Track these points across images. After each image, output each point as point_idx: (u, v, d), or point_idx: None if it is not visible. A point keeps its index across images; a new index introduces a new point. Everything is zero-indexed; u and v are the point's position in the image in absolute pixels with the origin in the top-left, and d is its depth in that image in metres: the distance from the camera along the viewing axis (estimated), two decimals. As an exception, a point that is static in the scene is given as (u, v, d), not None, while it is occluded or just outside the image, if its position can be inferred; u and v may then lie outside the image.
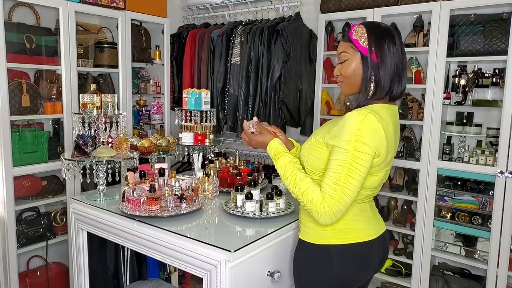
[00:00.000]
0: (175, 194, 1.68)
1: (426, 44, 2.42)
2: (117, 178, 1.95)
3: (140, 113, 3.42)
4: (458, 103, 2.38)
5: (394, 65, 1.30)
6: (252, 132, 1.56)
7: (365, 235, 1.37)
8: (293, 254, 1.50)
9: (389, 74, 1.30)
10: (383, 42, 1.30)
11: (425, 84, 2.37)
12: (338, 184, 1.22)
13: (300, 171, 1.35)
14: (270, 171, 2.78)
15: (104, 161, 1.88)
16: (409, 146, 2.57)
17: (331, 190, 1.23)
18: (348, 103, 2.81)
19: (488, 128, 2.35)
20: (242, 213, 1.66)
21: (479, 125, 2.36)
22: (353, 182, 1.23)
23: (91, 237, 1.91)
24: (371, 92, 1.32)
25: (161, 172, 1.80)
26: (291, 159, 1.39)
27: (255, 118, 1.58)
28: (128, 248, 2.16)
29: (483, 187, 2.32)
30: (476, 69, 2.36)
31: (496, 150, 2.20)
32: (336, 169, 1.23)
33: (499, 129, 2.18)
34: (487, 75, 2.31)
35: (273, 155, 1.44)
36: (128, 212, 1.63)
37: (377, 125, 1.23)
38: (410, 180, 2.63)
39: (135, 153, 2.02)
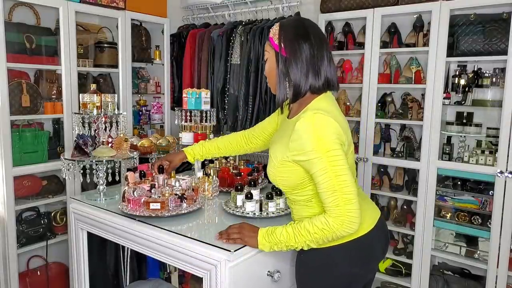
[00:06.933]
0: (175, 194, 1.68)
1: (426, 44, 2.42)
2: (117, 178, 1.95)
3: (140, 113, 3.42)
4: (458, 103, 2.38)
5: (306, 59, 1.32)
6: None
7: (365, 226, 1.34)
8: (293, 253, 1.50)
9: (303, 68, 1.32)
10: (294, 37, 1.33)
11: (425, 84, 2.37)
12: (336, 190, 1.21)
13: (299, 225, 1.29)
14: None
15: (104, 161, 1.88)
16: (409, 146, 2.57)
17: (333, 200, 1.22)
18: (348, 103, 2.81)
19: (488, 128, 2.35)
20: (242, 213, 1.66)
21: (479, 125, 2.36)
22: (345, 178, 1.22)
23: (91, 237, 1.91)
24: (287, 88, 1.35)
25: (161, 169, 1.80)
26: (284, 227, 1.32)
27: None
28: (128, 248, 2.16)
29: (483, 187, 2.32)
30: (476, 69, 2.36)
31: (496, 150, 2.20)
32: (323, 179, 1.23)
33: (499, 129, 2.18)
34: (487, 75, 2.31)
35: (277, 242, 1.31)
36: (128, 212, 1.64)
37: (327, 119, 1.25)
38: (410, 180, 2.63)
39: (135, 153, 2.02)
